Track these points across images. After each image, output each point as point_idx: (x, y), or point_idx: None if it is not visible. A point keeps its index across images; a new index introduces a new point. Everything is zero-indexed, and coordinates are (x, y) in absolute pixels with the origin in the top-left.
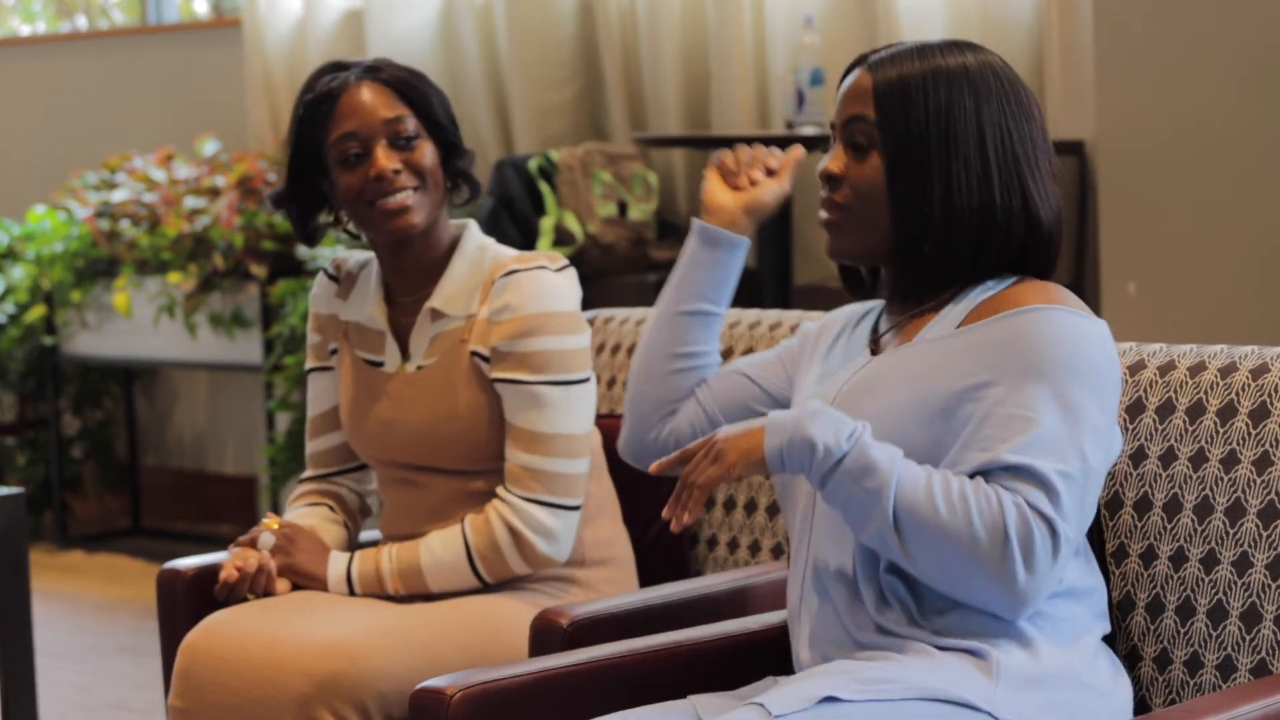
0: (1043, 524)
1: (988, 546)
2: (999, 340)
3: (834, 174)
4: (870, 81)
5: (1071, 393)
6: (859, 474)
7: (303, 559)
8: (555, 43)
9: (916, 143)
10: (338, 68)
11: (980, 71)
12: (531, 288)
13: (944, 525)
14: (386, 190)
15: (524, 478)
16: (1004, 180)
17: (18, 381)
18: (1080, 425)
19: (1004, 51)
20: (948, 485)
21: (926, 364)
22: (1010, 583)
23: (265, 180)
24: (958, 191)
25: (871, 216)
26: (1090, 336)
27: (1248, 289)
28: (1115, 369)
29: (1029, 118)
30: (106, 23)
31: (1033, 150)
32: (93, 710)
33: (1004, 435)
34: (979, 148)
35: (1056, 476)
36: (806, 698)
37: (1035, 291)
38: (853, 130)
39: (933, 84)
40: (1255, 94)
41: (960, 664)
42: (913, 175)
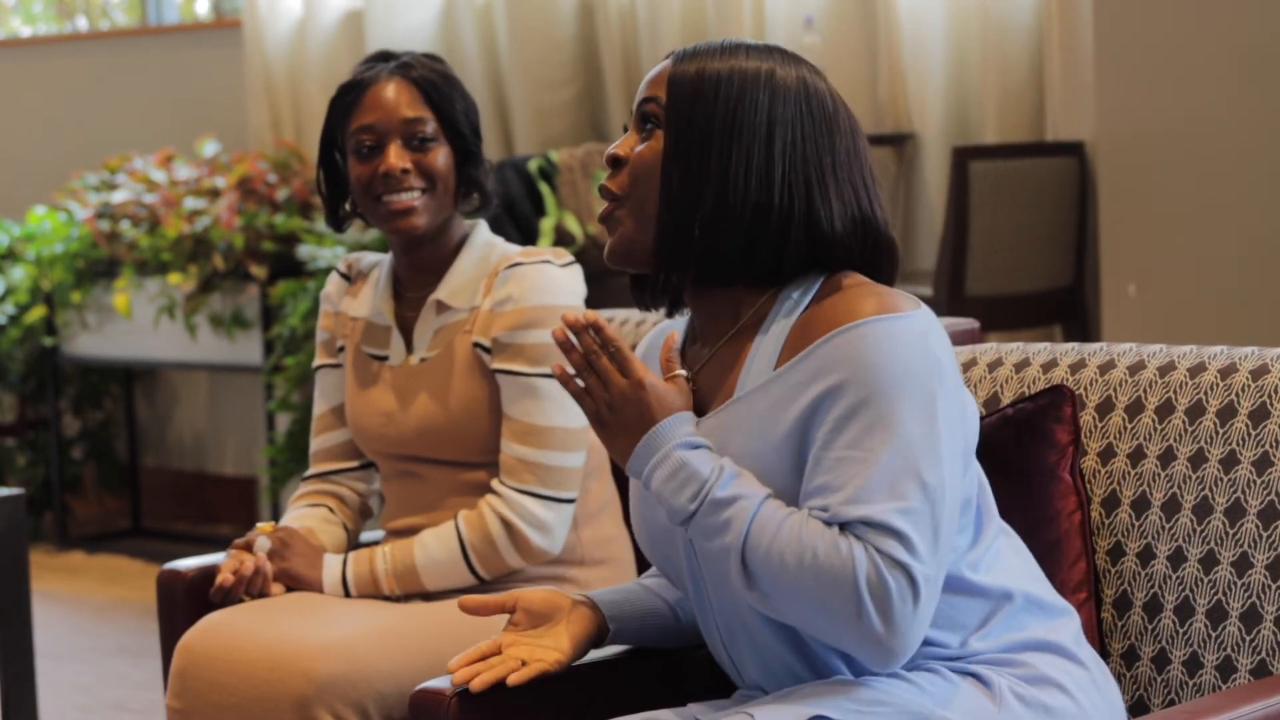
0: (897, 570)
1: (838, 602)
2: (816, 371)
3: (618, 157)
4: (670, 68)
5: (895, 417)
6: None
7: (297, 563)
8: (555, 43)
9: (699, 127)
10: (382, 58)
11: (784, 77)
12: (534, 280)
13: (792, 579)
14: (394, 188)
15: (518, 469)
16: (788, 182)
17: (18, 382)
18: (912, 450)
19: (1004, 52)
20: (800, 537)
21: (757, 424)
22: (870, 637)
23: (265, 181)
24: (733, 185)
25: (644, 203)
26: (905, 340)
27: (1248, 290)
28: (943, 361)
29: (833, 128)
30: (107, 24)
31: (830, 159)
32: (92, 711)
33: (837, 484)
34: (765, 145)
35: (898, 517)
36: (798, 715)
37: (847, 302)
38: (643, 109)
39: (728, 77)
40: (1255, 94)
41: (964, 686)
42: (689, 159)
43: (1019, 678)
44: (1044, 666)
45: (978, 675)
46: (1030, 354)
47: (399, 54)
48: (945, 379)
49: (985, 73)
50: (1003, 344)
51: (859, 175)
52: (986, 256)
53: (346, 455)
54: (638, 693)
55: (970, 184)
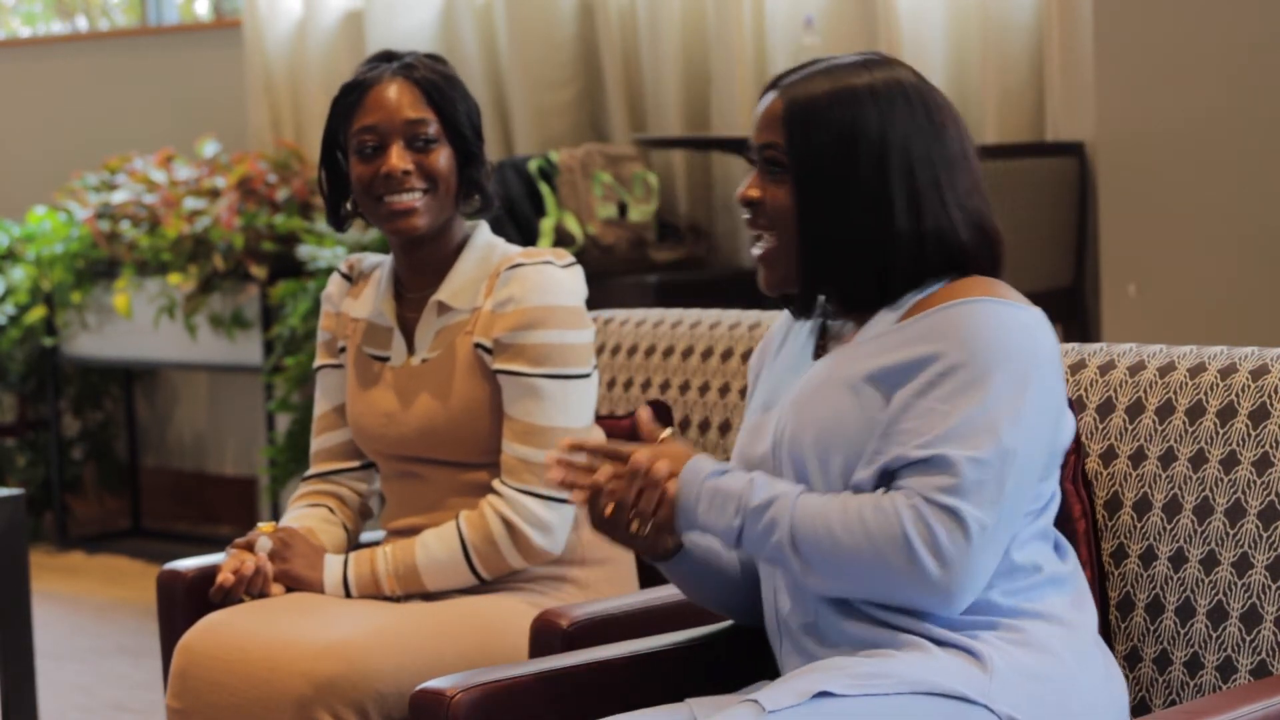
0: (943, 514)
1: (893, 556)
2: (930, 331)
3: (751, 199)
4: (780, 107)
5: (988, 380)
6: (761, 536)
7: (298, 564)
8: (555, 44)
9: (821, 168)
10: (384, 58)
11: (887, 90)
12: (536, 281)
13: (849, 552)
14: (395, 188)
15: (519, 469)
16: (909, 197)
17: (18, 383)
18: (996, 410)
19: (1004, 52)
20: (844, 511)
21: (863, 361)
22: (926, 580)
23: (265, 181)
24: (862, 214)
25: (790, 243)
26: (1015, 323)
27: (1248, 290)
28: (1043, 353)
29: (941, 133)
30: (107, 24)
31: (942, 166)
32: (92, 711)
33: (919, 429)
34: (878, 169)
35: (966, 462)
36: (800, 693)
37: (969, 286)
38: (766, 155)
39: (837, 106)
40: (1255, 95)
41: (954, 659)
42: (818, 200)
43: (1010, 643)
44: (1037, 634)
45: (969, 648)
46: None
47: (401, 54)
48: (1044, 370)
49: (985, 73)
50: None
51: (971, 175)
52: None
53: (347, 455)
54: (637, 692)
55: None
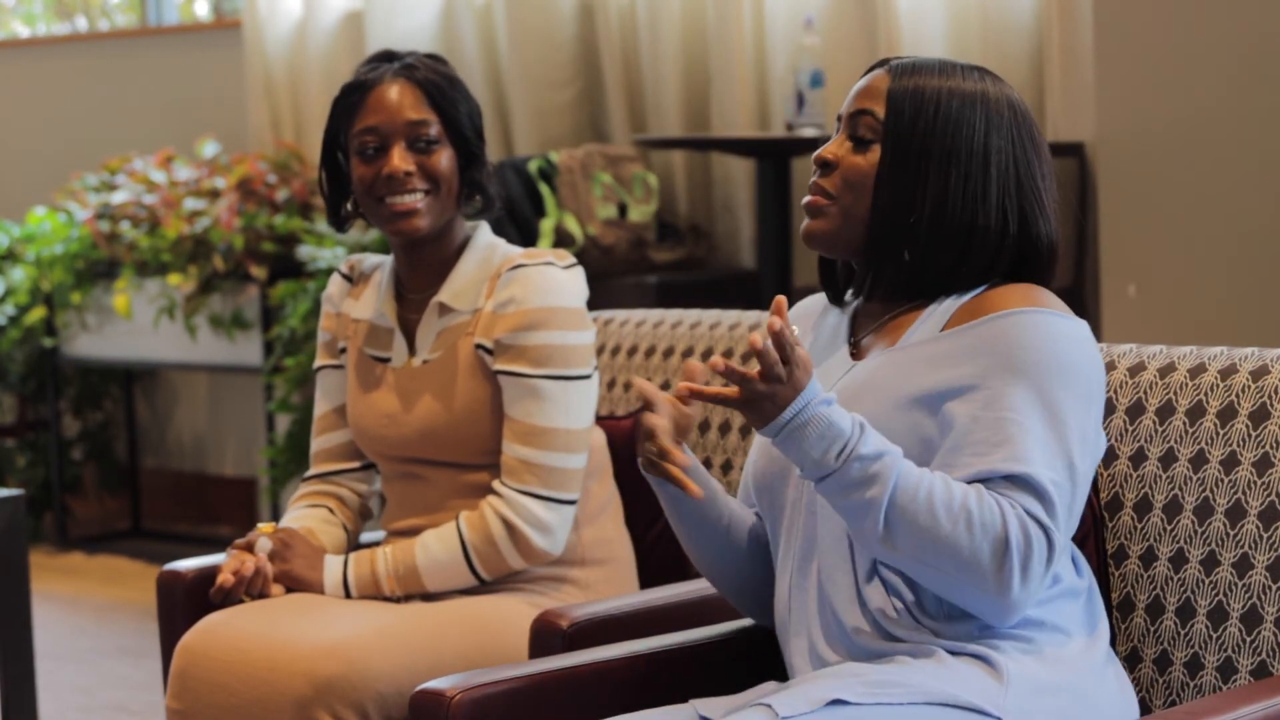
0: (1041, 533)
1: (989, 559)
2: (983, 344)
3: (828, 160)
4: (887, 83)
5: (1056, 397)
6: (851, 486)
7: (298, 564)
8: (555, 44)
9: (918, 147)
10: (385, 58)
11: (997, 100)
12: (537, 282)
13: (945, 537)
14: (396, 190)
15: (520, 470)
16: (1002, 203)
17: (18, 383)
18: (1066, 431)
19: (1003, 52)
20: (950, 494)
21: (912, 368)
22: (1005, 592)
23: (265, 182)
24: (952, 202)
25: (853, 208)
26: (1071, 337)
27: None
28: (1097, 369)
29: (1039, 151)
30: (107, 24)
31: (1039, 183)
32: (92, 711)
33: (996, 440)
34: (982, 167)
35: (1050, 485)
36: (814, 700)
37: (1017, 294)
38: (858, 123)
39: (947, 98)
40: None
41: (970, 669)
42: (906, 178)
43: (1025, 654)
44: (1052, 646)
45: (984, 657)
46: None
47: (402, 54)
48: (1100, 389)
49: None
50: None
51: (1053, 193)
52: None
53: (347, 456)
54: (638, 693)
55: None
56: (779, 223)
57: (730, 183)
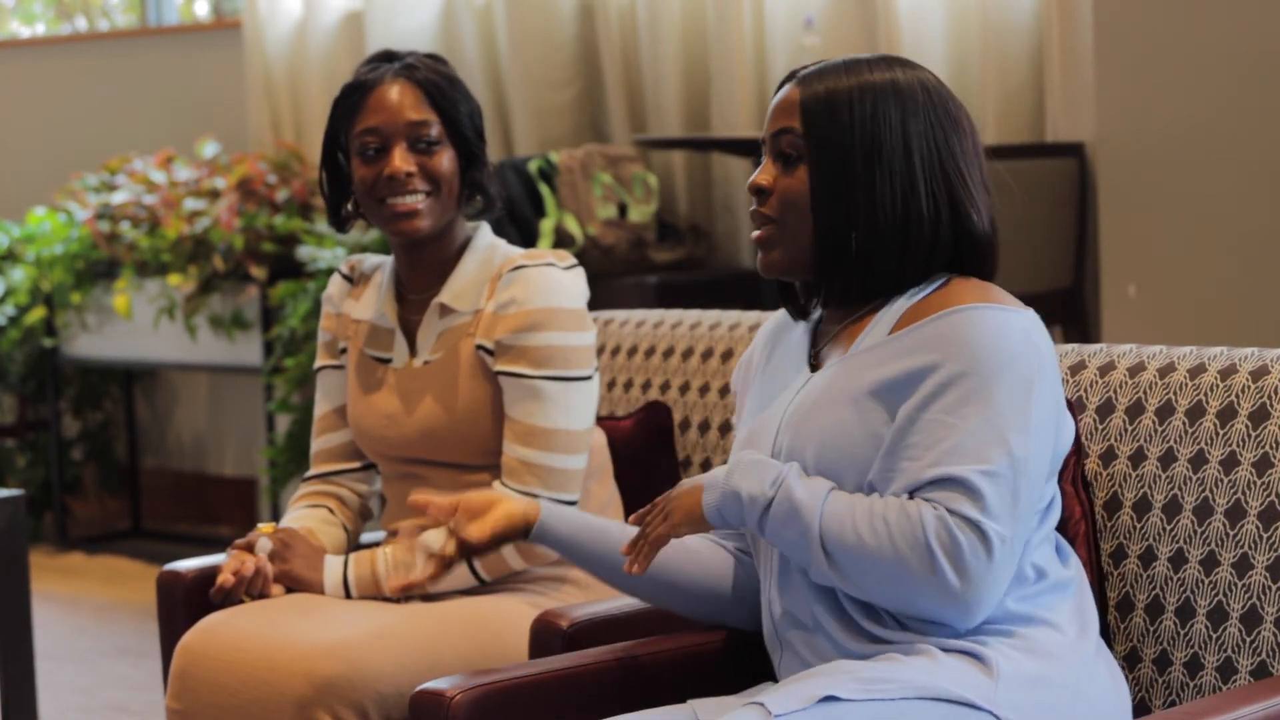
0: (968, 528)
1: (915, 564)
2: (924, 343)
3: (762, 186)
4: (798, 95)
5: (994, 390)
6: (786, 518)
7: (298, 564)
8: (555, 44)
9: (841, 154)
10: (385, 58)
11: (909, 86)
12: (538, 283)
13: (871, 552)
14: (398, 190)
15: (520, 471)
16: (930, 191)
17: (18, 383)
18: (1002, 419)
19: (1003, 52)
20: (870, 512)
21: (861, 374)
22: (947, 591)
23: (265, 182)
24: (881, 203)
25: (798, 228)
26: (1011, 329)
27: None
28: (1043, 357)
29: (959, 130)
30: (107, 24)
31: (962, 162)
32: (92, 712)
33: (926, 443)
34: (905, 159)
35: (979, 477)
36: (806, 697)
37: (962, 291)
38: (780, 142)
39: (859, 97)
40: (1255, 95)
41: (960, 665)
42: (837, 186)
43: (1015, 649)
44: (1043, 640)
45: (974, 653)
46: None
47: (402, 54)
48: (1045, 374)
49: (985, 73)
50: None
51: (983, 174)
52: None
53: (347, 456)
54: (638, 693)
55: None
56: None
57: (730, 183)
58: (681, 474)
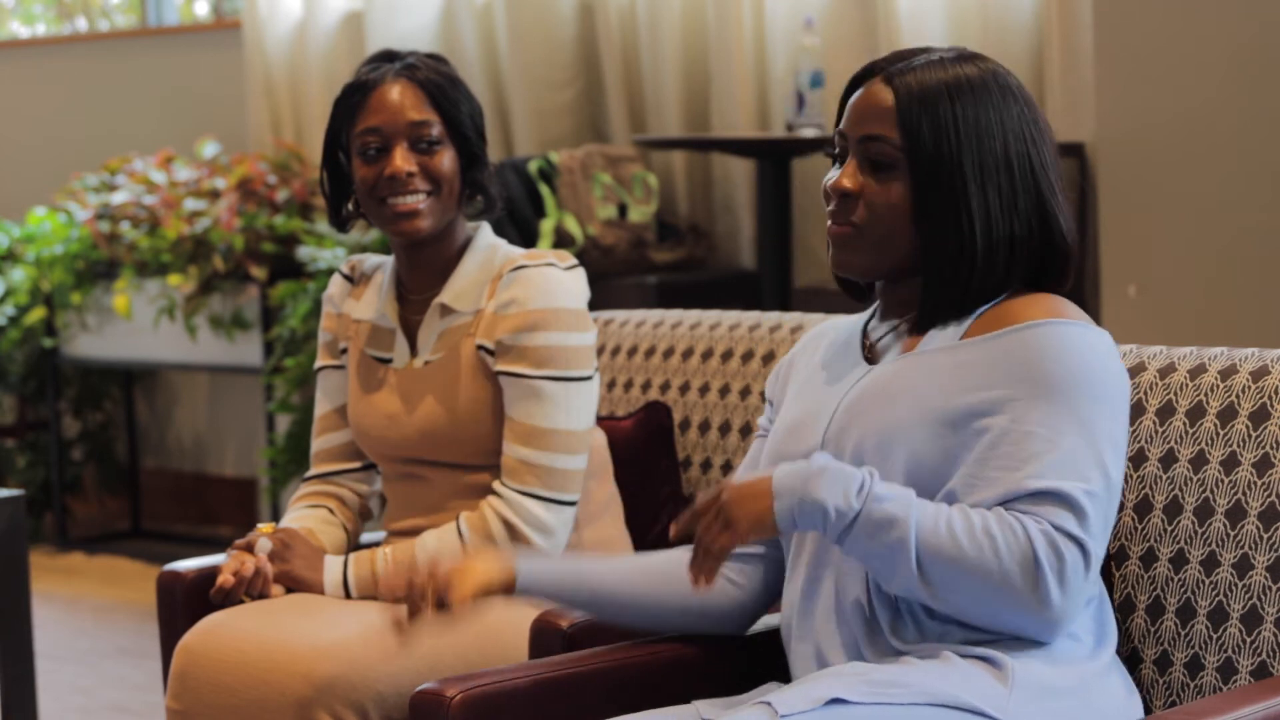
0: (1072, 545)
1: (1020, 578)
2: (1007, 356)
3: (850, 191)
4: (891, 100)
5: (1086, 408)
6: (875, 529)
7: (298, 565)
8: (555, 45)
9: (947, 168)
10: (386, 57)
11: (1000, 87)
12: (538, 283)
13: (972, 564)
14: (399, 191)
15: (520, 471)
16: (1029, 205)
17: (18, 384)
18: (1098, 440)
19: (1003, 52)
20: (969, 523)
21: (931, 376)
22: (1046, 608)
23: (265, 182)
24: (993, 220)
25: (889, 238)
26: (1097, 348)
27: (1248, 291)
28: (1122, 379)
29: (1044, 134)
30: (106, 25)
31: (1050, 170)
32: (92, 712)
33: (1024, 456)
34: (1007, 173)
35: (1083, 496)
36: (814, 699)
37: (1038, 304)
38: (870, 149)
39: (958, 103)
40: (1255, 95)
41: (975, 670)
42: (944, 202)
43: (1033, 656)
44: (1060, 651)
45: (988, 658)
46: None
47: (403, 54)
48: (1126, 397)
49: None
50: None
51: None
52: None
53: (348, 456)
54: (638, 693)
55: None
56: (779, 223)
57: (730, 183)
58: (681, 474)
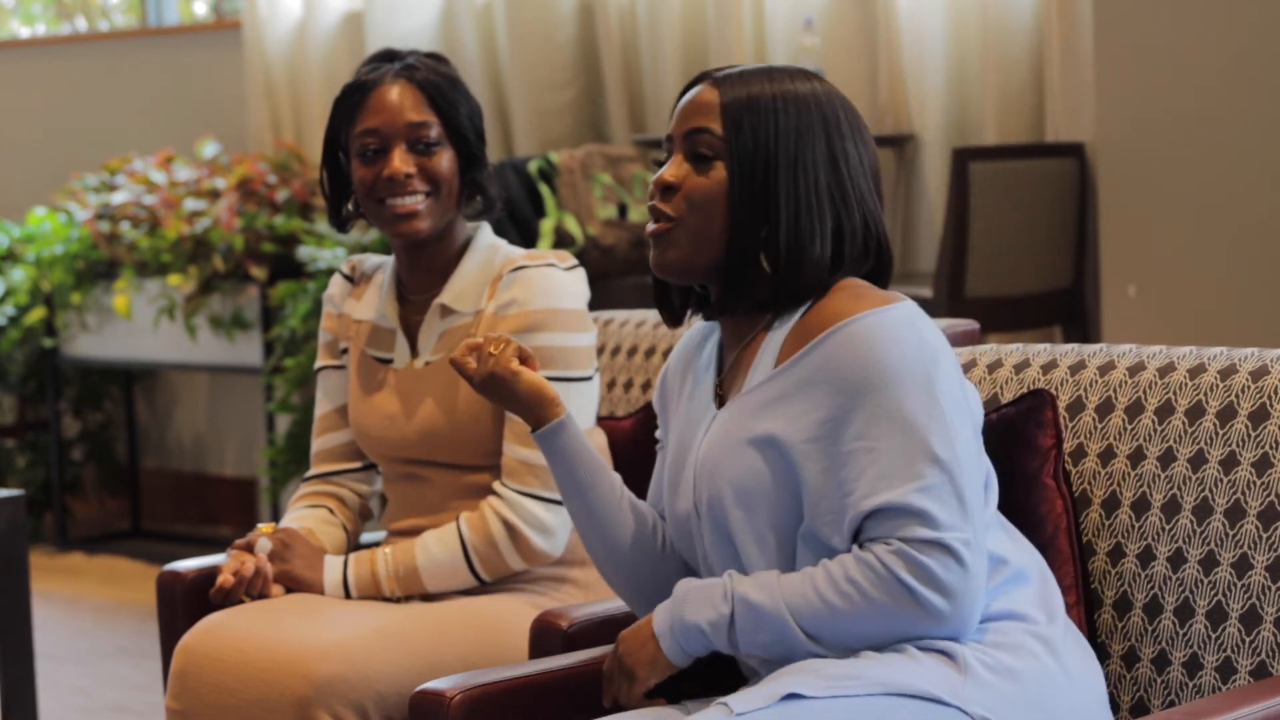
0: (928, 549)
1: (896, 605)
2: (816, 373)
3: (670, 183)
4: (717, 97)
5: (896, 403)
6: (755, 627)
7: (298, 565)
8: (555, 45)
9: (765, 160)
10: (386, 57)
11: (828, 99)
12: (539, 284)
13: (854, 614)
14: (397, 192)
15: (520, 472)
16: (852, 202)
17: (18, 384)
18: (917, 429)
19: (1004, 52)
20: (832, 578)
21: (760, 417)
22: (937, 616)
23: (265, 182)
24: (799, 213)
25: (704, 230)
26: (893, 329)
27: (1248, 291)
28: (930, 345)
29: (865, 142)
30: (106, 25)
31: (870, 175)
32: (92, 712)
33: (852, 477)
34: (831, 171)
35: (917, 496)
36: (769, 695)
37: (836, 303)
38: (695, 142)
39: (783, 105)
40: (1255, 95)
41: (932, 662)
42: (758, 192)
43: (985, 643)
44: (1011, 633)
45: (947, 651)
46: (1030, 355)
47: (403, 53)
48: (939, 360)
49: (985, 73)
50: (1002, 345)
51: (878, 182)
52: (986, 258)
53: (348, 456)
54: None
55: (970, 185)
56: None
57: None
58: None
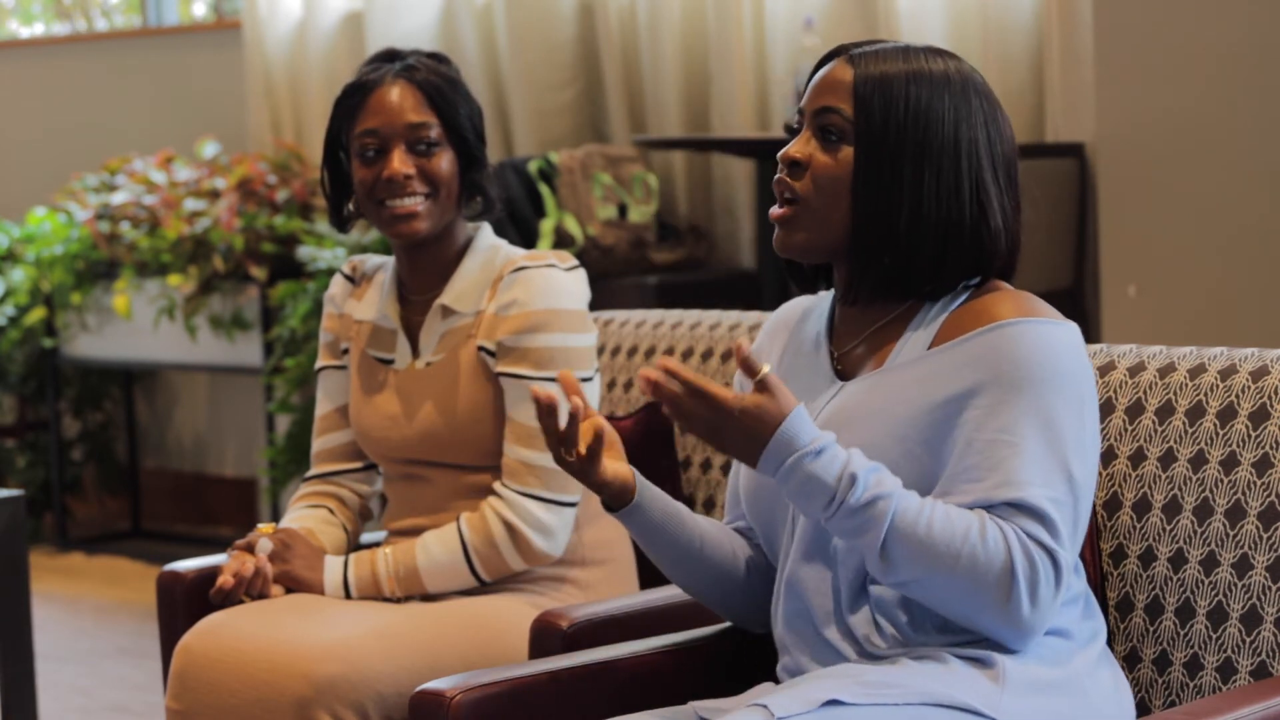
0: (1045, 555)
1: (994, 587)
2: (973, 359)
3: (797, 159)
4: (850, 75)
5: (1051, 409)
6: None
7: (298, 565)
8: (555, 45)
9: (892, 144)
10: (387, 57)
11: (962, 81)
12: (539, 284)
13: (947, 570)
14: (396, 193)
15: (521, 472)
16: (971, 194)
17: (18, 384)
18: (1063, 443)
19: (1004, 52)
20: (950, 528)
21: (902, 392)
22: (1015, 617)
23: (265, 183)
24: (927, 198)
25: (828, 212)
26: (1062, 343)
27: (1248, 291)
28: (1087, 373)
29: (1001, 133)
30: (106, 25)
31: (1002, 164)
32: (92, 712)
33: (989, 465)
34: (953, 159)
35: (1049, 505)
36: (810, 700)
37: (1004, 303)
38: (824, 120)
39: (914, 86)
40: (1255, 95)
41: (969, 670)
42: (883, 176)
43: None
44: (1054, 648)
45: (980, 658)
46: None
47: (404, 53)
48: (1092, 392)
49: (985, 73)
50: None
51: (1015, 174)
52: None
53: (348, 456)
54: (638, 693)
55: None
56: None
57: (730, 183)
58: (681, 474)
